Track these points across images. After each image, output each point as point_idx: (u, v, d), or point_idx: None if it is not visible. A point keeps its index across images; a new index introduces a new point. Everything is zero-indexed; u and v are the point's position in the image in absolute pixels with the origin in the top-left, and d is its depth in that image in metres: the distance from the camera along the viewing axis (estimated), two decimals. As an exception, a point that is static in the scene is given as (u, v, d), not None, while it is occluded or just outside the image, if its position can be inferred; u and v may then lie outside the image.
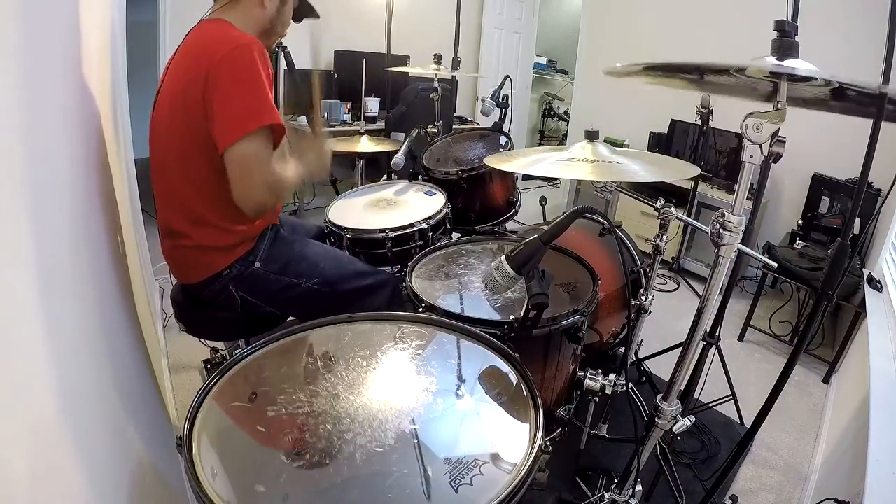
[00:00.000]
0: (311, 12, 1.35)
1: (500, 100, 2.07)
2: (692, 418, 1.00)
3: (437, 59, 2.24)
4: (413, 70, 2.82)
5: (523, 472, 0.63)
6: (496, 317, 1.12)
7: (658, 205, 1.51)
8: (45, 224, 0.59)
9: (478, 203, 1.93)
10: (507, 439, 0.71)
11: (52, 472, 0.51)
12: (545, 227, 0.96)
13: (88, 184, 0.91)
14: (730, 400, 1.94)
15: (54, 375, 0.54)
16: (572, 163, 1.14)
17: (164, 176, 1.19)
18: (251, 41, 1.07)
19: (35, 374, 0.51)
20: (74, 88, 0.89)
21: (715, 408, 1.93)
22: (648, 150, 3.48)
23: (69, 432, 0.56)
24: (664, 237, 1.54)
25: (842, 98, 0.81)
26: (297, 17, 1.36)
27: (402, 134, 3.00)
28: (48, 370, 0.53)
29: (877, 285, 2.06)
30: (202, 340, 1.76)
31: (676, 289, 3.16)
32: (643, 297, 1.56)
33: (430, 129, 2.24)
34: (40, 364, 0.52)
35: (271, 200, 1.16)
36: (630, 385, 1.81)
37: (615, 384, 1.22)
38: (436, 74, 2.26)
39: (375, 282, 1.39)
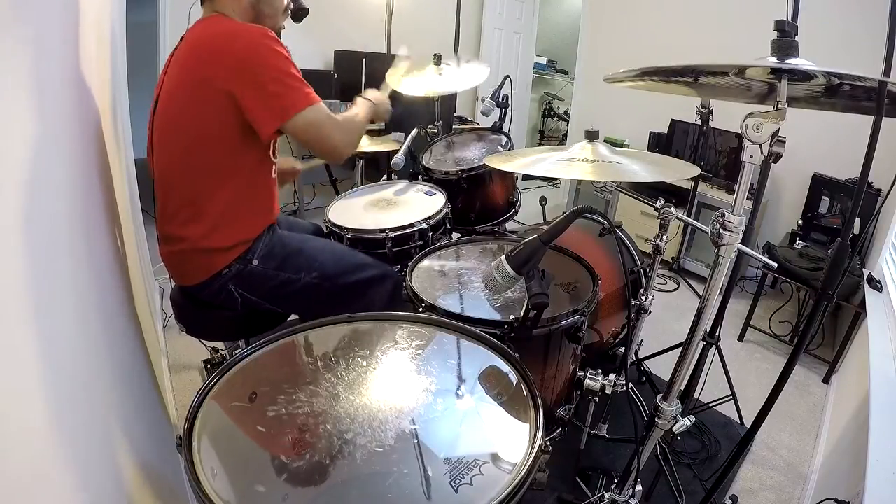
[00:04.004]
0: None
1: (500, 100, 2.06)
2: (692, 418, 1.00)
3: (437, 60, 2.23)
4: (413, 70, 2.81)
5: (523, 472, 0.63)
6: (496, 317, 1.12)
7: (658, 205, 1.51)
8: (44, 224, 0.59)
9: (478, 203, 1.93)
10: (507, 439, 0.71)
11: (52, 472, 0.51)
12: (545, 227, 0.96)
13: (88, 184, 0.91)
14: (730, 400, 1.94)
15: (53, 375, 0.54)
16: (572, 163, 1.14)
17: (166, 176, 1.19)
18: (263, 28, 1.11)
19: (34, 375, 0.51)
20: (74, 88, 0.89)
21: (715, 408, 1.93)
22: (648, 150, 3.48)
23: (69, 432, 0.56)
24: (664, 237, 1.54)
25: (834, 94, 0.81)
26: (297, 18, 1.35)
27: (402, 134, 3.00)
28: (47, 370, 0.53)
29: (877, 285, 2.06)
30: (202, 341, 1.77)
31: (676, 289, 3.17)
32: (643, 297, 1.56)
33: (430, 129, 2.23)
34: (39, 364, 0.52)
35: (353, 140, 1.28)
36: (630, 385, 1.81)
37: (615, 384, 1.22)
38: (436, 74, 2.25)
39: (377, 273, 1.38)
